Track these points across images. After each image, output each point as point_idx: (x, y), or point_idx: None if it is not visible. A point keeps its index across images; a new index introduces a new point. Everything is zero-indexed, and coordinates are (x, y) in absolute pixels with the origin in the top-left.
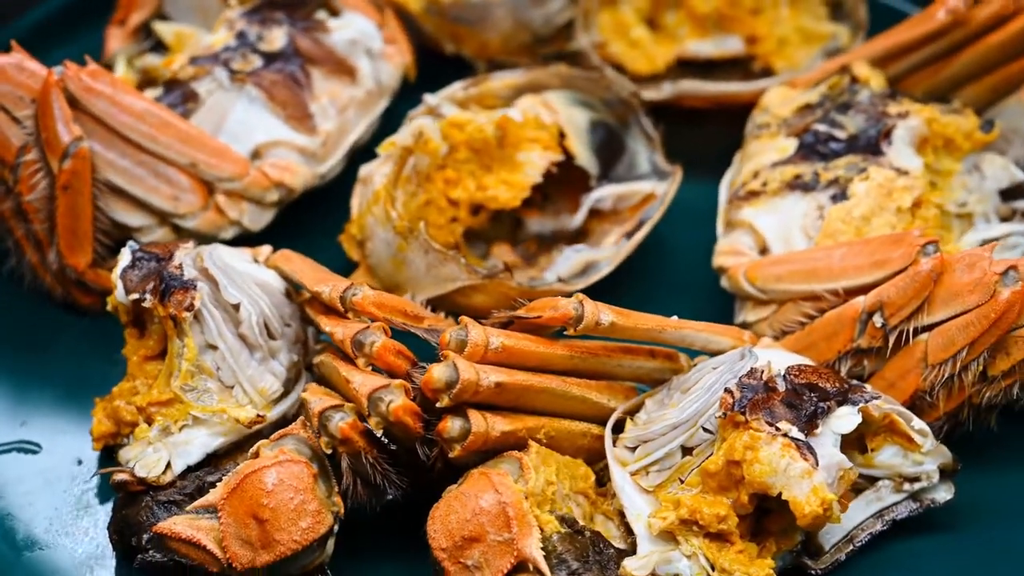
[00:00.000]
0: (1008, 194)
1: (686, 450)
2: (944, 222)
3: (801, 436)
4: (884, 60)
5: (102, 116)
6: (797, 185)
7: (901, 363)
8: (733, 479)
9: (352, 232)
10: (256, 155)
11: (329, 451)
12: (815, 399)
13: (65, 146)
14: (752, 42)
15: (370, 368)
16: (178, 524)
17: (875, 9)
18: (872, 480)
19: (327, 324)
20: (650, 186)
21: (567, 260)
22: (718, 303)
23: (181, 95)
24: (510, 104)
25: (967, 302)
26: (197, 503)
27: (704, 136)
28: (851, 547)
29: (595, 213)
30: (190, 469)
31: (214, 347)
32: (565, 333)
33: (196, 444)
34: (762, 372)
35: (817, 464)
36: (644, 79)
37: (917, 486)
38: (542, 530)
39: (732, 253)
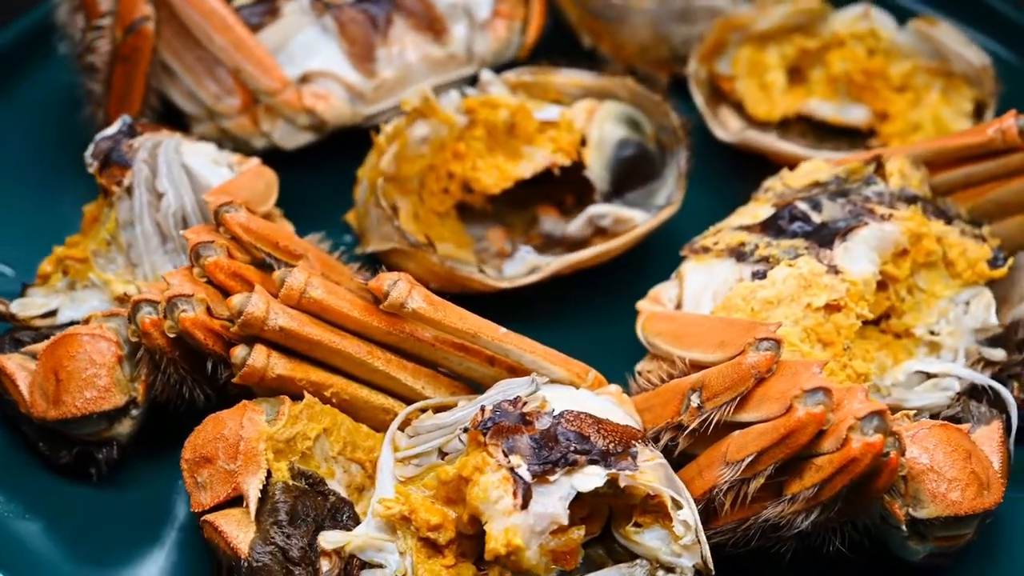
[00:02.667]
0: (994, 340)
1: (442, 453)
2: (904, 344)
3: (526, 476)
4: (935, 165)
5: (173, 4)
6: (735, 252)
7: (711, 453)
8: (461, 495)
9: (358, 176)
10: (305, 79)
11: (135, 339)
12: (570, 449)
13: (132, 21)
14: (882, 118)
15: (204, 280)
16: (9, 360)
17: None
18: (633, 556)
19: (193, 231)
20: (640, 217)
21: (521, 259)
22: None
23: (267, 8)
24: (572, 101)
25: (770, 410)
26: (29, 347)
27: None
28: None
29: (602, 229)
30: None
31: (132, 225)
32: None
33: (86, 305)
34: (525, 403)
35: (525, 507)
36: (756, 122)
37: None
38: (270, 475)
39: (653, 300)
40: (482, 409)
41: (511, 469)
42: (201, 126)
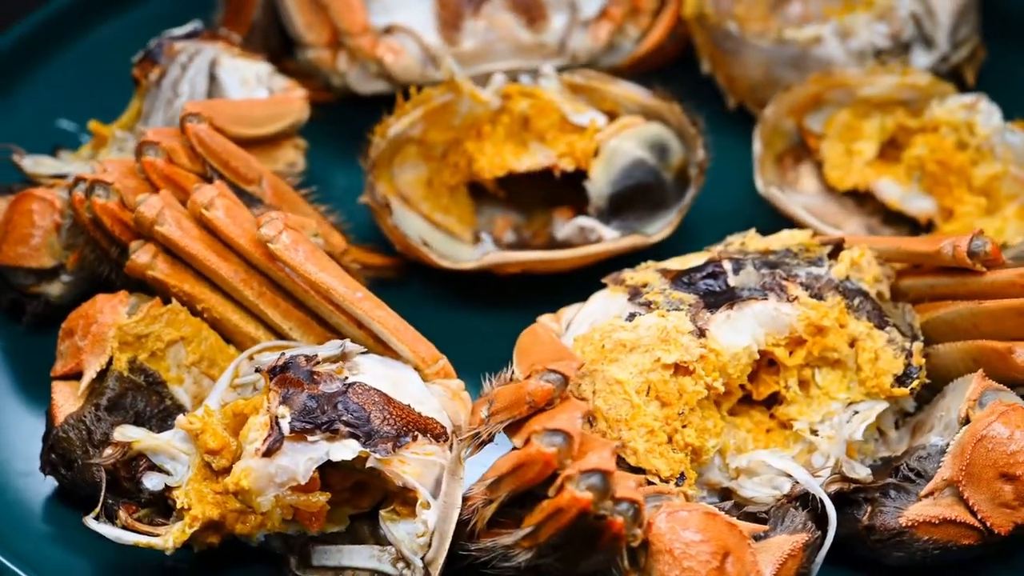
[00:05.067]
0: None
1: (256, 389)
2: (785, 435)
3: (284, 428)
4: (905, 270)
5: None
6: (633, 290)
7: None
8: (239, 429)
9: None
10: (389, 31)
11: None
12: (340, 418)
13: None
14: (947, 215)
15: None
16: None
17: None
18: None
19: (155, 130)
20: (609, 236)
21: (482, 248)
22: None
23: None
24: (626, 114)
25: (519, 438)
26: (6, 194)
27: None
28: None
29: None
30: None
31: (148, 117)
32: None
33: None
34: (318, 362)
35: (267, 456)
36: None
37: (402, 570)
38: (111, 361)
39: (555, 317)
40: (282, 356)
41: (274, 418)
42: (311, 53)
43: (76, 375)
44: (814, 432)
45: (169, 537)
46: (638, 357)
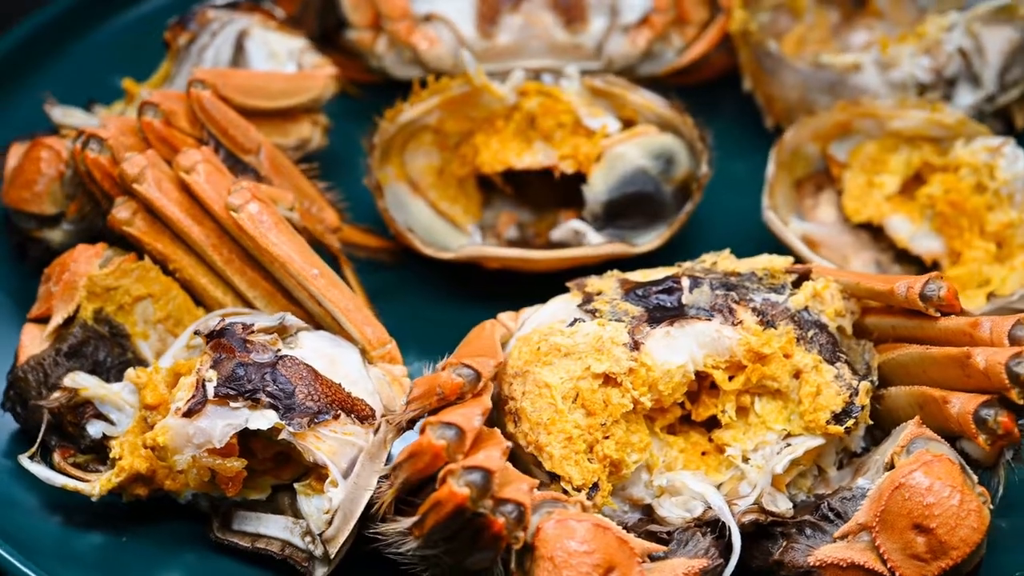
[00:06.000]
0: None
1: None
2: (719, 458)
3: (209, 391)
4: (869, 308)
5: None
6: (586, 296)
7: None
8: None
9: None
10: (428, 18)
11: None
12: (264, 388)
13: None
14: (954, 258)
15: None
16: (15, 146)
17: None
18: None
19: (161, 92)
20: (594, 241)
21: (471, 240)
22: None
23: None
24: (642, 121)
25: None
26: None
27: None
28: (247, 547)
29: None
30: None
31: (173, 81)
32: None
33: None
34: (253, 331)
35: (187, 416)
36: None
37: (308, 544)
38: (78, 310)
39: (513, 316)
40: (222, 320)
41: (201, 380)
42: (354, 33)
43: (47, 319)
44: (746, 460)
45: (96, 484)
46: (571, 363)
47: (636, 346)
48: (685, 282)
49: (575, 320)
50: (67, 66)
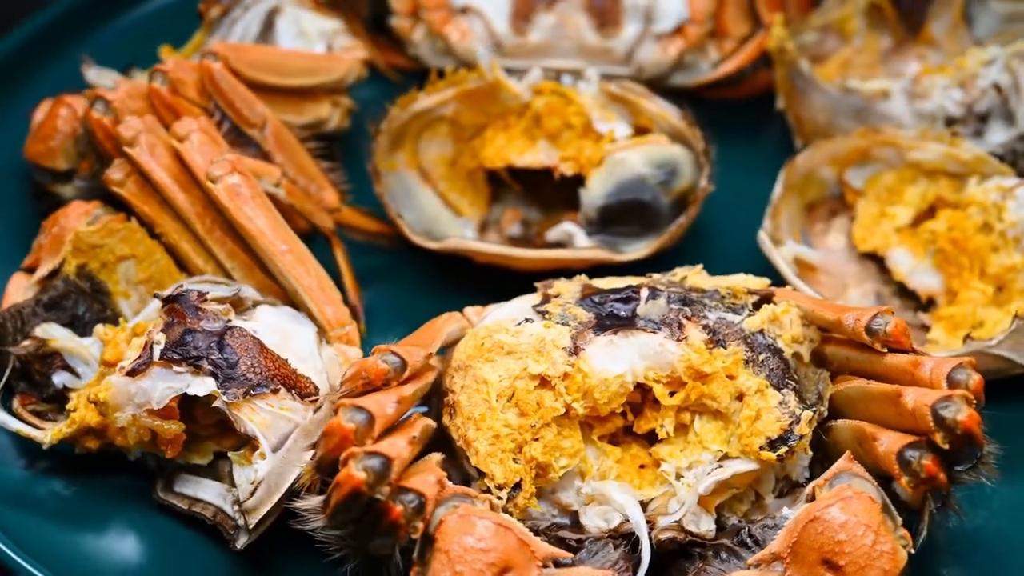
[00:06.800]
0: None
1: None
2: (656, 473)
3: (155, 353)
4: (827, 337)
5: None
6: (545, 296)
7: None
8: None
9: None
10: (464, 11)
11: None
12: (209, 356)
13: None
14: (951, 296)
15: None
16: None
17: None
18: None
19: (175, 60)
20: (579, 244)
21: (461, 233)
22: None
23: None
24: (656, 130)
25: None
26: None
27: None
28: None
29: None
30: None
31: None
32: None
33: None
34: (205, 299)
35: (130, 375)
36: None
37: (235, 513)
38: (63, 263)
39: (476, 311)
40: (181, 287)
41: (150, 342)
42: (396, 20)
43: (36, 270)
44: (680, 477)
45: (49, 433)
46: (511, 362)
47: (576, 351)
48: (644, 293)
49: (525, 320)
50: (109, 35)
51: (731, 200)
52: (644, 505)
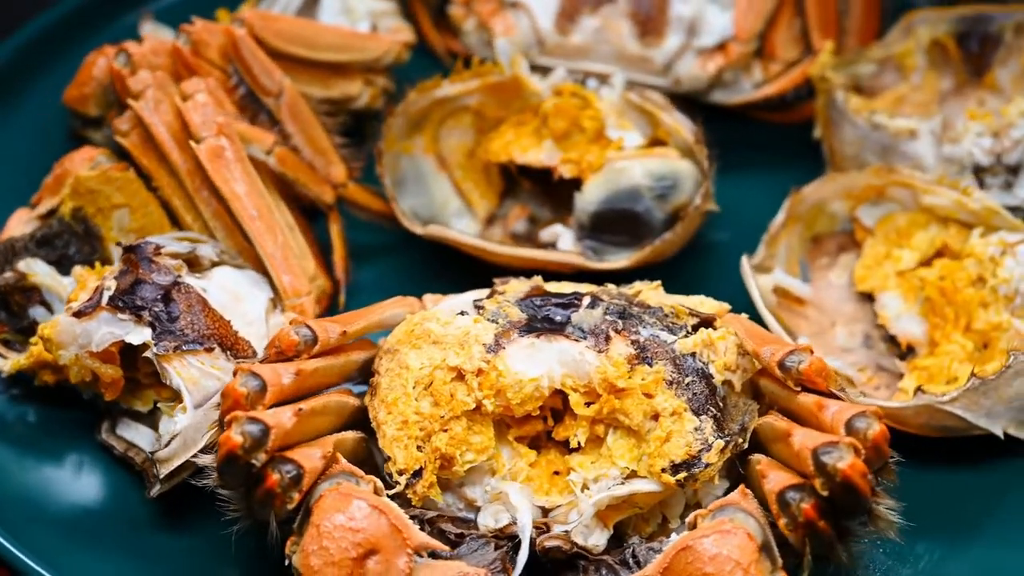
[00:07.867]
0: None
1: None
2: (565, 481)
3: (104, 297)
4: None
5: None
6: (491, 292)
7: None
8: None
9: None
10: (513, 5)
11: None
12: (154, 308)
13: None
14: (932, 346)
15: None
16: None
17: None
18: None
19: (203, 24)
20: (560, 247)
21: (455, 224)
22: None
23: None
24: (671, 143)
25: None
26: None
27: None
28: (120, 452)
29: None
30: None
31: None
32: None
33: None
34: (162, 255)
35: (76, 316)
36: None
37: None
38: (60, 204)
39: (434, 299)
40: (148, 241)
41: (101, 287)
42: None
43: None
44: (585, 488)
45: (8, 363)
46: (435, 351)
47: (496, 349)
48: (585, 301)
49: (461, 312)
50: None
51: (746, 222)
52: (547, 511)
